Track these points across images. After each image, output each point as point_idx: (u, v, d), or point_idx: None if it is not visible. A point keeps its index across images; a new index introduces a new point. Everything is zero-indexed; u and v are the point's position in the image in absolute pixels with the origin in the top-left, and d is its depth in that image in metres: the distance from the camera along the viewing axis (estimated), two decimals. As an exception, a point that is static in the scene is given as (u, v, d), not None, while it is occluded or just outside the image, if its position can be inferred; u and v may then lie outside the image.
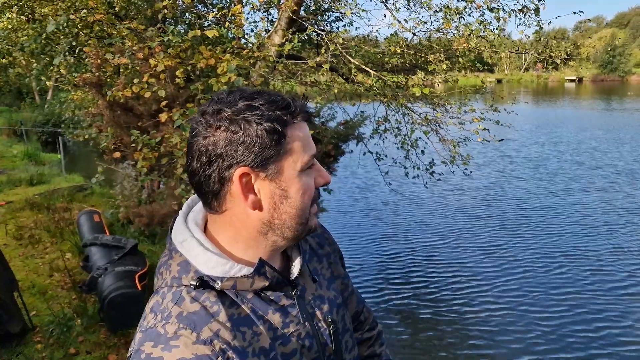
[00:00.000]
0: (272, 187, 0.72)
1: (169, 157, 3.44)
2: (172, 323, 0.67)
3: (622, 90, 43.04)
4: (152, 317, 0.70)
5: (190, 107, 3.53)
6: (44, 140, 14.64)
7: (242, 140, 0.68)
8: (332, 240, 0.99)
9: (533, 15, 5.07)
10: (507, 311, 5.03)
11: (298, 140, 0.72)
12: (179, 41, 3.25)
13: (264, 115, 0.69)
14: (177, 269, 0.74)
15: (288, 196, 0.73)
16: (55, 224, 5.73)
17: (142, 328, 0.70)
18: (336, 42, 4.80)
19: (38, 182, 8.13)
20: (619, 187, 9.79)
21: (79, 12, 4.31)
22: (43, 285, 4.23)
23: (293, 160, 0.72)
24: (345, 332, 0.89)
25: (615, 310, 4.96)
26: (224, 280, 0.71)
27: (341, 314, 0.89)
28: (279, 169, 0.72)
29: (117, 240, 4.34)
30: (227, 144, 0.69)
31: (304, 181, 0.74)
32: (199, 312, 0.69)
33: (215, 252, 0.74)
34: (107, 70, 4.10)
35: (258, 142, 0.69)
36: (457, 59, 6.27)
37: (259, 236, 0.76)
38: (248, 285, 0.73)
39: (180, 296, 0.71)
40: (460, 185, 9.95)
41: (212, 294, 0.72)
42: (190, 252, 0.74)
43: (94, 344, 3.39)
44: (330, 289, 0.89)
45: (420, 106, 5.86)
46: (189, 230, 0.77)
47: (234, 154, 0.69)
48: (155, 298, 0.73)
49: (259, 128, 0.68)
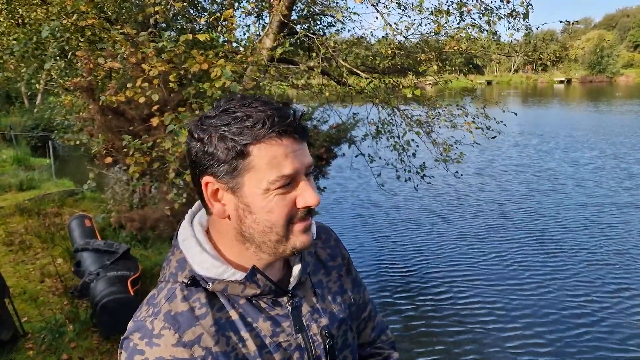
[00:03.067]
0: (235, 199, 0.73)
1: (161, 161, 3.43)
2: (159, 320, 0.71)
3: (610, 92, 43.56)
4: (146, 309, 0.73)
5: (182, 111, 3.53)
6: (33, 145, 14.48)
7: (206, 150, 0.71)
8: (346, 253, 0.98)
9: (522, 20, 5.13)
10: (504, 312, 5.04)
11: (264, 158, 0.69)
12: (172, 46, 3.25)
13: (231, 130, 0.69)
14: (175, 265, 0.76)
15: (252, 212, 0.72)
16: (46, 229, 5.68)
17: (135, 317, 0.73)
18: (327, 46, 4.82)
19: (28, 187, 8.06)
20: (616, 187, 9.87)
21: (70, 16, 4.29)
22: (34, 291, 4.20)
23: (257, 179, 0.70)
24: (345, 348, 0.88)
25: (614, 310, 4.98)
26: (216, 282, 0.73)
27: (343, 330, 0.87)
28: (240, 184, 0.71)
29: (109, 245, 4.32)
30: (197, 152, 0.72)
31: (271, 200, 0.71)
32: (185, 314, 0.71)
33: (212, 254, 0.75)
34: (98, 75, 4.08)
35: (217, 154, 0.70)
36: (448, 61, 6.33)
37: (239, 244, 0.76)
38: (239, 291, 0.74)
39: (173, 293, 0.73)
40: (453, 186, 9.99)
41: (203, 295, 0.74)
42: (189, 250, 0.76)
43: (86, 349, 3.37)
44: (335, 303, 0.88)
45: (412, 108, 5.90)
46: (192, 229, 0.79)
47: (201, 162, 0.72)
48: (154, 290, 0.77)
49: (219, 143, 0.70)
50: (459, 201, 9.21)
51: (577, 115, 25.10)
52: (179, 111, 3.53)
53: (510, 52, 6.38)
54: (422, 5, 5.44)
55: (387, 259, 6.57)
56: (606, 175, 10.90)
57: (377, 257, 6.65)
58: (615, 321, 4.77)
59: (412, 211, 8.66)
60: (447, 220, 8.09)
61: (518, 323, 4.81)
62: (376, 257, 6.65)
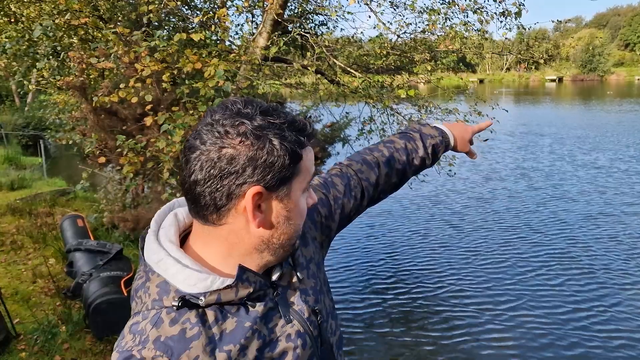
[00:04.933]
0: (279, 208, 0.72)
1: (155, 161, 3.42)
2: (148, 349, 0.65)
3: (601, 90, 43.91)
4: (131, 338, 0.68)
5: (175, 110, 3.52)
6: (24, 144, 14.34)
7: (265, 158, 0.66)
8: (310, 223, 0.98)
9: (514, 19, 5.17)
10: (499, 313, 5.03)
11: (307, 163, 0.73)
12: (165, 46, 3.24)
13: (285, 135, 0.68)
14: (157, 290, 0.70)
15: (290, 217, 0.73)
16: (37, 229, 5.63)
17: (119, 348, 0.67)
18: (321, 45, 4.83)
19: (19, 186, 7.98)
20: (613, 187, 9.91)
21: (63, 14, 4.25)
22: (26, 292, 4.16)
23: (300, 182, 0.73)
24: (328, 317, 0.88)
25: (611, 311, 4.96)
26: (207, 295, 0.69)
27: (323, 299, 0.88)
28: (289, 191, 0.72)
29: (102, 245, 4.29)
30: (248, 160, 0.66)
31: (302, 203, 0.75)
32: (177, 338, 0.67)
33: (194, 267, 0.70)
34: (91, 74, 4.06)
35: (279, 162, 0.67)
36: (441, 60, 6.36)
37: (254, 253, 0.74)
38: (233, 295, 0.70)
39: (159, 318, 0.68)
40: (448, 185, 10.03)
41: (193, 314, 0.69)
42: (168, 271, 0.70)
43: (79, 351, 3.35)
44: (310, 277, 0.86)
45: (406, 107, 5.92)
46: (164, 249, 0.73)
47: (252, 172, 0.66)
48: (135, 318, 0.71)
49: (282, 148, 0.67)
50: (451, 200, 9.24)
51: (569, 114, 25.29)
52: (172, 111, 3.52)
53: (502, 52, 6.42)
54: (415, 4, 5.47)
55: (376, 258, 6.59)
56: (606, 173, 10.93)
57: (366, 257, 6.66)
58: (616, 323, 4.74)
59: (405, 210, 8.69)
60: (440, 220, 8.11)
61: (510, 324, 4.80)
62: (365, 257, 6.66)
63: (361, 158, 1.13)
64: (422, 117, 5.75)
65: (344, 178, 1.07)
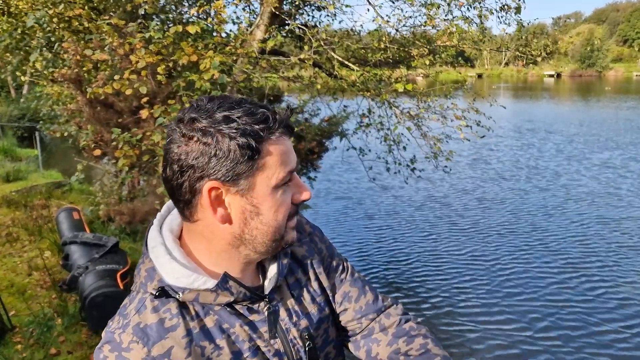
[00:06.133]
0: (242, 202, 0.70)
1: (151, 154, 3.40)
2: (127, 333, 0.68)
3: (599, 86, 43.90)
4: (117, 320, 0.71)
5: (171, 103, 3.50)
6: (20, 136, 14.27)
7: (214, 153, 0.67)
8: (323, 246, 0.94)
9: (513, 14, 5.15)
10: (497, 312, 5.03)
11: (274, 156, 0.70)
12: (160, 37, 3.20)
13: (239, 129, 0.67)
14: (145, 275, 0.73)
15: (259, 213, 0.71)
16: (33, 222, 5.62)
17: (107, 327, 0.72)
18: (319, 38, 4.80)
19: (15, 178, 7.95)
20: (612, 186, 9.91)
21: (57, 5, 4.21)
22: (22, 285, 4.16)
23: (267, 177, 0.70)
24: (327, 345, 0.87)
25: (610, 312, 4.95)
26: (186, 292, 0.70)
27: (324, 328, 0.86)
28: (250, 185, 0.70)
29: (98, 238, 4.28)
30: (199, 156, 0.67)
31: (277, 198, 0.72)
32: (154, 326, 0.69)
33: (182, 262, 0.72)
34: (85, 66, 4.02)
35: (230, 156, 0.67)
36: (439, 54, 6.33)
37: (231, 249, 0.74)
38: (211, 299, 0.72)
39: (143, 304, 0.71)
40: (445, 181, 10.02)
41: (175, 305, 0.71)
42: (158, 259, 0.73)
43: (75, 343, 3.35)
44: (314, 303, 0.86)
45: (404, 102, 5.90)
46: (161, 236, 0.76)
47: (204, 167, 0.67)
48: (126, 300, 0.74)
49: (232, 142, 0.66)
50: (449, 196, 9.26)
51: (568, 110, 25.28)
52: (168, 103, 3.50)
53: (501, 47, 6.39)
54: (414, 0, 5.43)
55: (373, 253, 6.60)
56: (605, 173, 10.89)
57: (363, 252, 6.67)
58: (618, 325, 4.72)
59: (401, 204, 8.70)
60: (437, 215, 8.11)
61: (515, 324, 4.78)
62: (362, 252, 6.67)
63: None
64: (420, 111, 5.73)
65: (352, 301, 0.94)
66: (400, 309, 0.96)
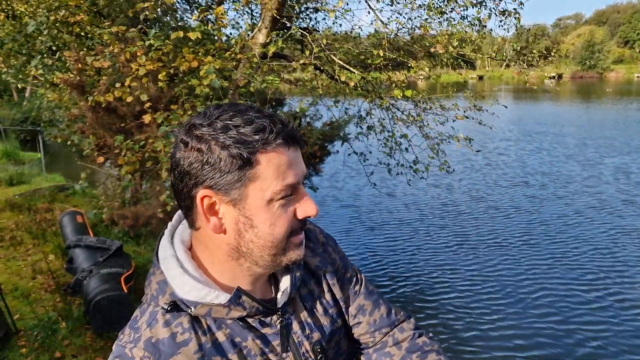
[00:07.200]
0: (236, 213, 0.69)
1: (154, 160, 3.43)
2: (138, 348, 0.68)
3: (600, 88, 43.75)
4: (128, 333, 0.71)
5: (174, 109, 3.53)
6: (22, 139, 14.32)
7: (206, 160, 0.66)
8: (337, 256, 0.92)
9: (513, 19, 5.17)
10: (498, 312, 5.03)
11: (268, 168, 0.67)
12: (160, 44, 3.24)
13: (233, 137, 0.65)
14: (156, 287, 0.73)
15: (253, 225, 0.69)
16: (37, 225, 5.64)
17: (118, 340, 0.71)
18: (320, 43, 4.83)
19: (18, 182, 7.98)
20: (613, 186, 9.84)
21: (58, 11, 4.24)
22: (26, 288, 4.18)
23: (260, 189, 0.67)
24: (338, 357, 0.87)
25: (610, 313, 4.93)
26: (198, 306, 0.69)
27: (335, 340, 0.86)
28: (242, 196, 0.68)
29: (102, 242, 4.31)
30: (193, 162, 0.67)
31: (274, 211, 0.69)
32: (167, 341, 0.68)
33: (194, 275, 0.71)
34: (88, 73, 4.05)
35: (220, 165, 0.66)
36: (439, 57, 6.35)
37: (231, 260, 0.73)
38: (224, 314, 0.71)
39: (155, 318, 0.70)
40: (448, 182, 9.99)
41: (186, 319, 0.70)
42: (169, 272, 0.72)
43: (79, 347, 3.38)
44: (327, 315, 0.85)
45: (404, 105, 5.92)
46: (173, 247, 0.75)
47: (198, 174, 0.67)
48: (137, 312, 0.74)
49: (223, 151, 0.65)
50: (459, 203, 9.13)
51: (574, 112, 25.09)
52: (171, 109, 3.53)
53: (497, 57, 6.42)
54: (415, 1, 5.47)
55: (383, 263, 6.55)
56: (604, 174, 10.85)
57: (372, 262, 6.65)
58: (618, 326, 4.70)
59: (403, 208, 8.70)
60: (448, 223, 7.95)
61: (515, 324, 4.78)
62: (371, 262, 6.65)
63: None
64: (420, 114, 5.75)
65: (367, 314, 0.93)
66: (413, 323, 0.96)
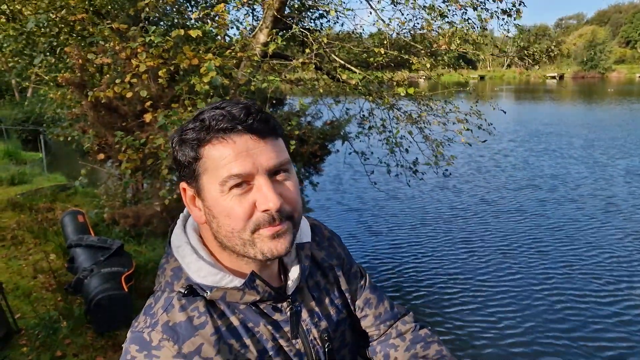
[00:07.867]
0: (202, 204, 0.73)
1: (154, 157, 3.43)
2: (157, 331, 0.69)
3: (602, 88, 43.69)
4: (143, 319, 0.72)
5: (175, 107, 3.53)
6: (24, 139, 14.35)
7: (175, 156, 0.74)
8: (341, 252, 0.95)
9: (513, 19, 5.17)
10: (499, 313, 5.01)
11: (213, 159, 0.69)
12: (161, 41, 3.24)
13: (187, 132, 0.71)
14: (171, 274, 0.75)
15: (215, 216, 0.71)
16: (38, 225, 5.65)
17: (133, 328, 0.72)
18: (321, 42, 4.82)
19: (19, 181, 7.99)
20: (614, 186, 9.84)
21: (59, 10, 4.24)
22: (27, 287, 4.18)
23: (209, 181, 0.70)
24: (343, 348, 0.89)
25: (611, 314, 4.91)
26: (214, 290, 0.72)
27: (341, 331, 0.88)
28: (200, 188, 0.72)
29: (103, 241, 4.31)
30: (174, 159, 0.75)
31: (227, 203, 0.69)
32: (184, 324, 0.70)
33: (208, 261, 0.74)
34: (89, 71, 4.06)
35: (180, 159, 0.72)
36: (441, 57, 6.35)
37: (223, 251, 0.76)
38: (238, 298, 0.73)
39: (171, 303, 0.71)
40: (454, 184, 9.93)
41: (202, 304, 0.72)
42: (184, 258, 0.75)
43: (80, 346, 3.37)
44: (333, 305, 0.88)
45: (406, 105, 5.92)
46: (186, 235, 0.78)
47: (177, 169, 0.75)
48: (150, 300, 0.75)
49: (179, 147, 0.72)
50: (453, 199, 9.23)
51: (579, 112, 24.96)
52: (171, 107, 3.53)
53: (499, 54, 6.41)
54: (416, 1, 5.46)
55: (378, 257, 6.59)
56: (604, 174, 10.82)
57: (368, 255, 6.67)
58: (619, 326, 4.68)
59: (404, 208, 8.69)
60: (447, 222, 7.97)
61: (516, 324, 4.76)
62: (367, 255, 6.67)
63: None
64: (422, 115, 5.75)
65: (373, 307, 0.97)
66: (413, 317, 1.00)
